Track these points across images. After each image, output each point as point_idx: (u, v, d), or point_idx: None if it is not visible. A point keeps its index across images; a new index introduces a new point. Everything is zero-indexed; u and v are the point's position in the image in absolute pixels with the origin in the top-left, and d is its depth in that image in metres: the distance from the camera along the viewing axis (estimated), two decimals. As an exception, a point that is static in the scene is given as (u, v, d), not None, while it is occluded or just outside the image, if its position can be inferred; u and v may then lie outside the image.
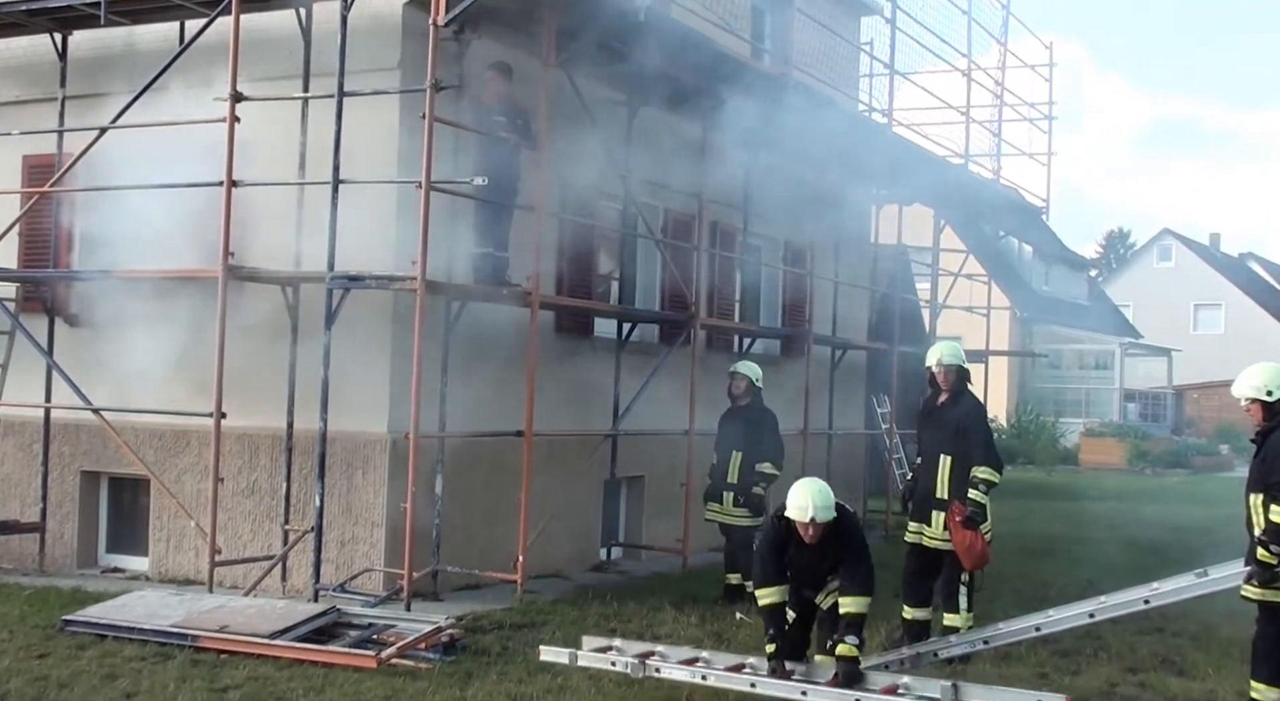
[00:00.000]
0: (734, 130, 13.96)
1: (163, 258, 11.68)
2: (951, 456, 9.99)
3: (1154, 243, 68.56)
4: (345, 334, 11.39)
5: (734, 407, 12.64)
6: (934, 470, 10.11)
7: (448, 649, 9.39)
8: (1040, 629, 8.90)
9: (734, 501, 12.34)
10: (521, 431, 11.73)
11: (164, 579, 12.62)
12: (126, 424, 12.46)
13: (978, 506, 9.78)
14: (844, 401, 19.40)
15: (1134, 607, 8.60)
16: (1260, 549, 7.90)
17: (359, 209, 11.19)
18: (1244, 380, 8.28)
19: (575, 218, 13.60)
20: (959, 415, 10.12)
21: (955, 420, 10.09)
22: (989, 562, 9.98)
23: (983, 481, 9.83)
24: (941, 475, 10.03)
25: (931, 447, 10.26)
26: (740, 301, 17.31)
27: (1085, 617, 8.72)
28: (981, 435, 10.12)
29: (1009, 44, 22.17)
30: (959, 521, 9.74)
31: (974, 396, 10.47)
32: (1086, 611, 8.69)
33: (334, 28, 11.36)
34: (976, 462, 9.90)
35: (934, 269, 21.71)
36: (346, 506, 11.91)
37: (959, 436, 10.02)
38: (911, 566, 10.35)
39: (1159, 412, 48.35)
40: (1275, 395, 8.15)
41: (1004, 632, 9.10)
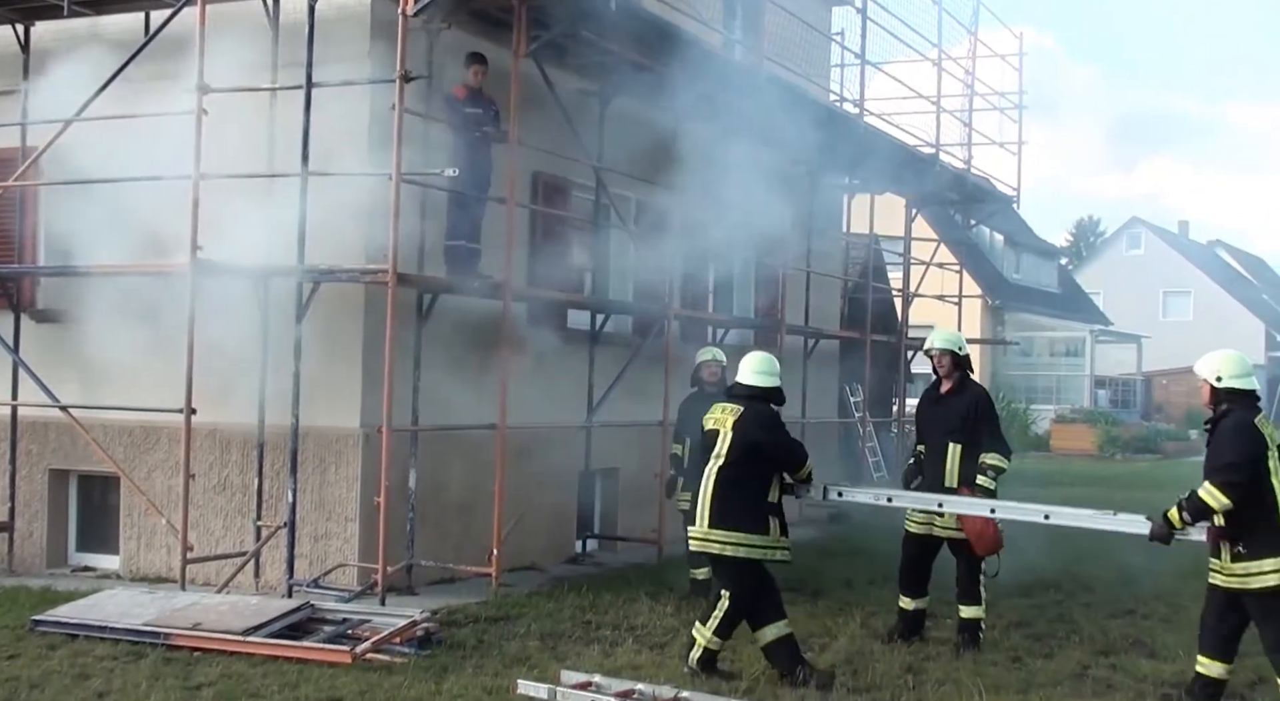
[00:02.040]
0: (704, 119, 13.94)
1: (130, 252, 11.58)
2: (961, 444, 9.96)
3: (1123, 231, 69.00)
4: (316, 328, 11.32)
5: (701, 393, 12.35)
6: (942, 458, 10.05)
7: (423, 643, 9.35)
8: (942, 506, 9.58)
9: None
10: (495, 424, 11.69)
11: (135, 577, 12.53)
12: (95, 421, 12.36)
13: (988, 493, 9.75)
14: (817, 390, 19.41)
15: (1032, 517, 9.06)
16: (1175, 509, 8.14)
17: (329, 201, 11.11)
18: (1200, 362, 8.39)
19: (547, 209, 13.55)
20: (966, 403, 10.09)
21: (962, 408, 10.06)
22: (1001, 548, 9.96)
23: (992, 468, 9.81)
24: (950, 463, 9.98)
25: (938, 436, 10.20)
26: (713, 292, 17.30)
27: (986, 510, 9.37)
28: (991, 423, 10.10)
29: (979, 34, 22.25)
30: None
31: (979, 384, 10.48)
32: (988, 505, 9.37)
33: (302, 18, 11.29)
34: (986, 450, 9.89)
35: (906, 258, 21.76)
36: (319, 501, 11.84)
37: (967, 424, 10.00)
38: (911, 556, 10.30)
39: (1129, 399, 48.59)
40: (1224, 381, 8.20)
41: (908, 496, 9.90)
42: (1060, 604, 12.08)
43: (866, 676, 8.94)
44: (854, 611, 11.21)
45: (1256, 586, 7.95)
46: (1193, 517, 8.08)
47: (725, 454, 8.95)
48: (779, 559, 8.95)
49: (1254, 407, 8.20)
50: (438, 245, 11.92)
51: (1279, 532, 7.89)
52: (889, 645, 9.97)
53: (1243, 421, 8.07)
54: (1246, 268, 71.81)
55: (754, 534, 8.83)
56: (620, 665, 9.06)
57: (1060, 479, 26.83)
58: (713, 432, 9.13)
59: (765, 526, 8.87)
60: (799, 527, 17.18)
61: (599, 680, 8.33)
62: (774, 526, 8.90)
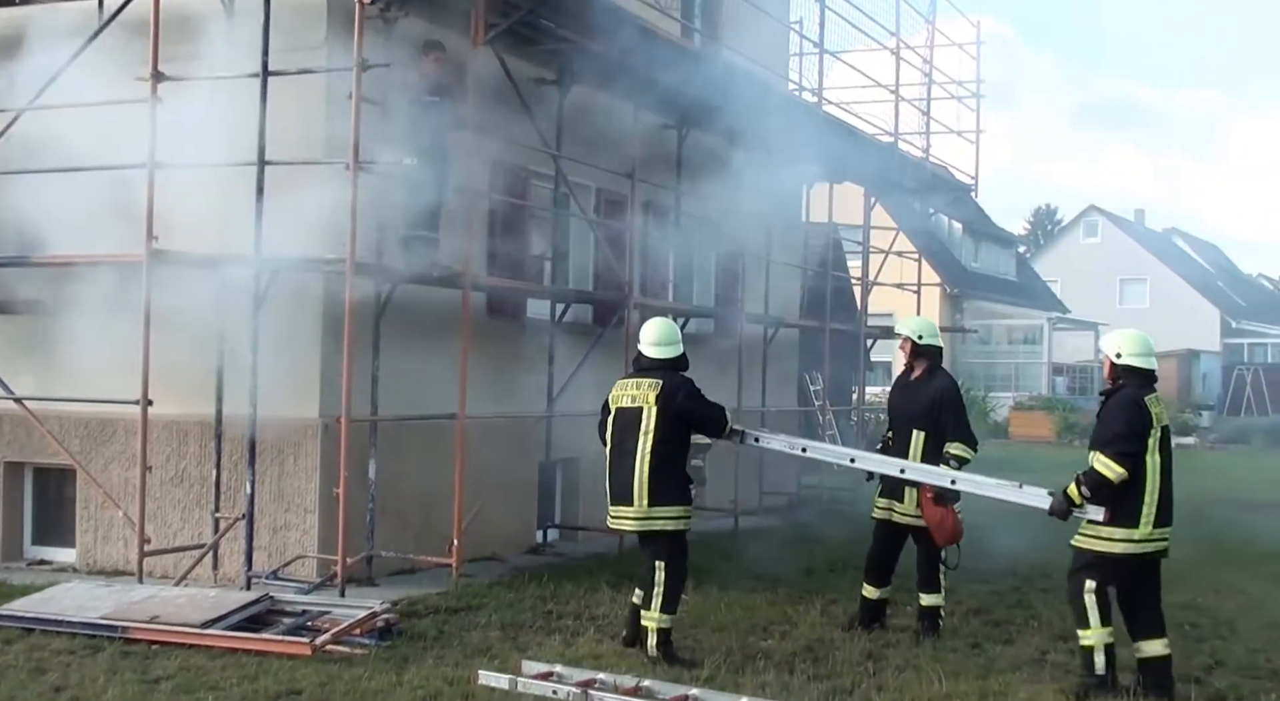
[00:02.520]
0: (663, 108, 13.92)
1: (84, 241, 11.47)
2: (925, 432, 9.98)
3: (1080, 219, 69.45)
4: (274, 318, 11.25)
5: None
6: (906, 445, 10.09)
7: (383, 634, 9.31)
8: (806, 450, 10.03)
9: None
10: (455, 414, 11.66)
11: (92, 570, 12.43)
12: (50, 413, 12.23)
13: None
14: (777, 379, 19.43)
15: (940, 481, 9.41)
16: (1074, 484, 8.37)
17: (286, 190, 11.04)
18: (1104, 338, 8.87)
19: (507, 198, 13.51)
20: (933, 391, 10.11)
21: (929, 396, 10.09)
22: (961, 538, 9.97)
23: (955, 458, 9.80)
24: (914, 451, 10.00)
25: (904, 423, 10.24)
26: (673, 281, 17.29)
27: (896, 470, 9.60)
28: (956, 412, 10.08)
29: (937, 23, 22.31)
30: (930, 497, 9.72)
31: (947, 374, 10.48)
32: (898, 466, 9.61)
33: (258, 5, 11.20)
34: (950, 439, 9.89)
35: (865, 246, 21.82)
36: (278, 492, 11.78)
37: (933, 412, 10.02)
38: (878, 545, 10.33)
39: (1086, 385, 48.92)
40: (1123, 358, 8.51)
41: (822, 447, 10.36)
42: (1019, 590, 12.17)
43: (827, 664, 8.98)
44: (814, 599, 11.24)
45: (1103, 550, 8.33)
46: (1091, 491, 8.30)
47: (655, 429, 8.98)
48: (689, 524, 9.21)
49: (1147, 386, 8.50)
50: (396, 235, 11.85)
51: (1138, 507, 8.23)
52: (849, 632, 10.00)
53: (1132, 397, 8.39)
54: (1202, 255, 72.45)
55: (685, 505, 9.08)
56: (581, 655, 9.06)
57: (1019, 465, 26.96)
58: (635, 410, 9.12)
59: (689, 495, 9.15)
60: (758, 516, 17.33)
61: (560, 670, 8.32)
62: (690, 494, 9.18)
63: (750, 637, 9.79)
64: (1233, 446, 37.47)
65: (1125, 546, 8.26)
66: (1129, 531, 8.24)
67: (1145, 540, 8.28)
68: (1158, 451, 8.32)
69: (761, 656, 9.12)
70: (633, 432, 9.06)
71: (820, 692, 8.23)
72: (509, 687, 8.10)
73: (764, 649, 9.42)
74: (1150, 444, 8.29)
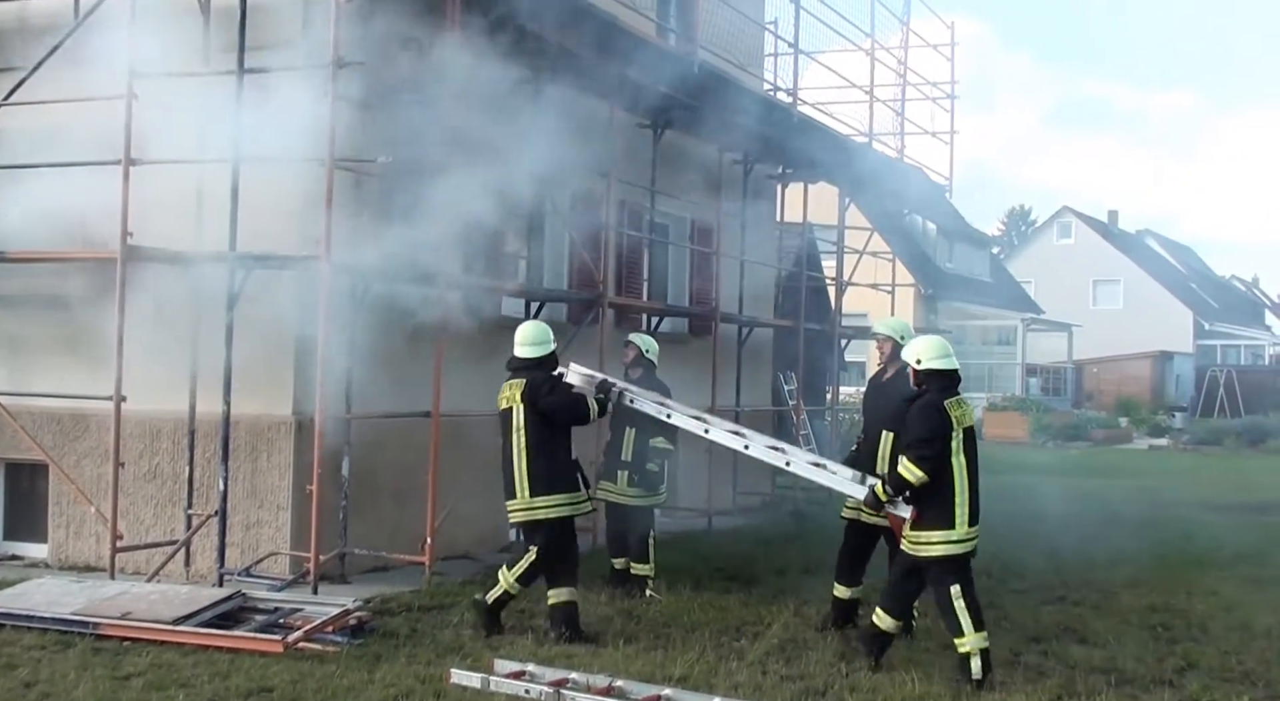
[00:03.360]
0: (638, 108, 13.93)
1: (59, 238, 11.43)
2: (893, 433, 9.97)
3: (1054, 220, 69.70)
4: (248, 315, 11.22)
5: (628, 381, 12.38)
6: (874, 445, 10.15)
7: (355, 632, 9.31)
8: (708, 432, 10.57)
9: (628, 480, 11.81)
10: (429, 412, 11.65)
11: (64, 566, 12.39)
12: (23, 408, 12.18)
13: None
14: (751, 378, 19.47)
15: (775, 461, 10.10)
16: (880, 485, 9.00)
17: (262, 187, 11.01)
18: (906, 347, 9.33)
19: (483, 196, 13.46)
20: (903, 392, 10.15)
21: (898, 397, 10.12)
22: None
23: None
24: (882, 450, 10.05)
25: (874, 423, 10.31)
26: (648, 280, 17.30)
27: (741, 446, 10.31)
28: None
29: (911, 24, 22.36)
30: None
31: None
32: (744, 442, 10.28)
33: (234, 2, 11.16)
34: None
35: (839, 246, 21.85)
36: (251, 489, 11.75)
37: (901, 413, 10.04)
38: (849, 544, 10.38)
39: (1060, 386, 49.22)
40: (924, 364, 8.92)
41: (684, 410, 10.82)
42: (991, 591, 12.16)
43: (800, 664, 9.00)
44: (787, 599, 11.27)
45: (924, 555, 8.70)
46: (894, 491, 8.82)
47: (526, 426, 9.69)
48: (586, 510, 9.99)
49: (948, 389, 8.87)
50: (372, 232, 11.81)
51: (950, 508, 8.63)
52: (822, 633, 10.03)
53: (932, 402, 8.78)
54: (1175, 256, 72.81)
55: (567, 492, 9.75)
56: (553, 654, 9.07)
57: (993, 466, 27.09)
58: (507, 410, 9.84)
59: (575, 484, 9.83)
60: (731, 516, 17.36)
61: (532, 669, 8.34)
62: (579, 482, 9.86)
63: (723, 638, 9.81)
64: (1205, 448, 37.64)
65: (945, 548, 8.63)
66: (947, 533, 8.63)
67: (963, 540, 8.67)
68: (962, 453, 8.72)
69: (735, 656, 9.15)
70: (509, 431, 9.79)
71: (793, 693, 8.25)
72: (481, 686, 8.10)
73: (737, 649, 9.45)
74: (954, 446, 8.69)
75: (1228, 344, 63.67)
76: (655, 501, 11.98)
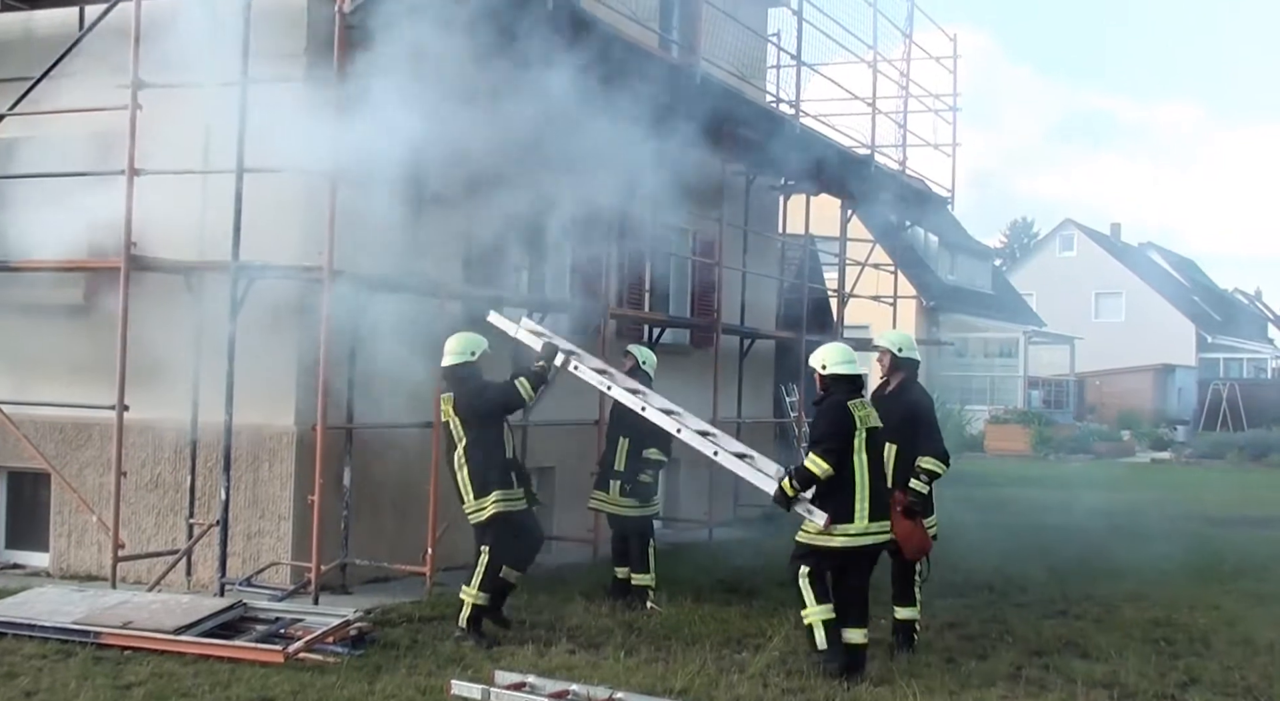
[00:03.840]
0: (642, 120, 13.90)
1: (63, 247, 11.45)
2: (896, 445, 10.00)
3: (1056, 232, 69.62)
4: (251, 325, 11.23)
5: None
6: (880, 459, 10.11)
7: (356, 642, 9.32)
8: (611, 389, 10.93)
9: (620, 490, 11.85)
10: (430, 422, 11.65)
11: (65, 575, 12.39)
12: (26, 417, 12.19)
13: (917, 496, 9.83)
14: (752, 390, 19.47)
15: (705, 449, 10.20)
16: (786, 479, 9.30)
17: (264, 198, 11.03)
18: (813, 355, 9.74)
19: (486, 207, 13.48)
20: (906, 404, 10.16)
21: (901, 409, 10.12)
22: (928, 551, 10.04)
23: (925, 471, 9.87)
24: (887, 464, 10.00)
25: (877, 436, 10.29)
26: (650, 291, 17.31)
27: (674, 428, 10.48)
28: (928, 426, 10.13)
29: (914, 36, 22.37)
30: (898, 511, 9.76)
31: (921, 387, 10.54)
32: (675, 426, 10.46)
33: (238, 14, 11.19)
34: (921, 453, 9.94)
35: (841, 258, 21.86)
36: (253, 499, 11.76)
37: (905, 425, 10.04)
38: None
39: (1062, 399, 49.09)
40: (828, 369, 9.41)
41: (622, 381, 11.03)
42: (993, 604, 12.20)
43: (801, 677, 8.99)
44: (788, 611, 11.20)
45: (823, 545, 9.09)
46: (800, 485, 9.18)
47: (462, 436, 10.07)
48: (522, 507, 10.22)
49: (851, 392, 9.36)
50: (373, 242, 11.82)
51: (851, 504, 9.05)
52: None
53: (836, 402, 9.27)
54: (1177, 269, 72.70)
55: (500, 489, 10.04)
56: (554, 665, 9.07)
57: (994, 479, 27.13)
58: (445, 424, 10.26)
59: (507, 481, 10.11)
60: (732, 528, 17.35)
61: (533, 680, 8.34)
62: (515, 480, 10.18)
63: (724, 650, 9.80)
64: (1208, 461, 37.62)
65: (843, 540, 9.02)
66: (845, 527, 9.02)
67: (861, 534, 9.06)
68: (864, 451, 9.14)
69: (736, 669, 9.14)
70: (448, 444, 10.23)
71: (793, 705, 8.25)
72: (481, 697, 8.10)
73: (739, 661, 9.44)
74: (856, 444, 9.12)
75: (1230, 357, 63.55)
76: (648, 511, 11.98)
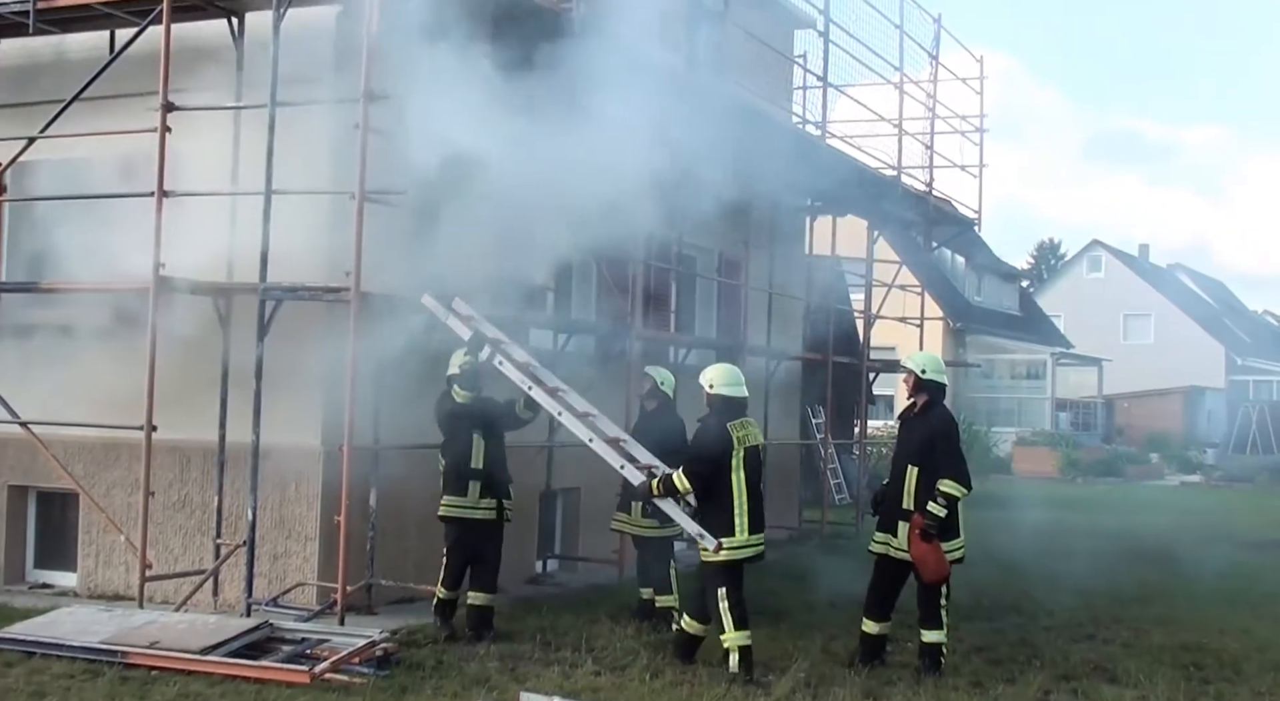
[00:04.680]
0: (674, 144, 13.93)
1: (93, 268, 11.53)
2: (918, 468, 9.99)
3: (1084, 254, 69.40)
4: (278, 345, 11.28)
5: (644, 414, 12.41)
6: (901, 480, 10.12)
7: (382, 663, 9.32)
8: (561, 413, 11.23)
9: (642, 511, 11.80)
10: (457, 443, 11.65)
11: (93, 594, 12.44)
12: (55, 437, 12.26)
13: (934, 519, 9.77)
14: (779, 412, 19.44)
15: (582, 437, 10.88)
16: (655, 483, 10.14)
17: (292, 219, 11.09)
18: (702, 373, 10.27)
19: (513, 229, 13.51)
20: (928, 426, 10.13)
21: (924, 431, 10.11)
22: (946, 576, 9.96)
23: (944, 495, 9.79)
24: (908, 485, 10.02)
25: (900, 457, 10.32)
26: (675, 312, 17.31)
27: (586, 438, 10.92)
28: (949, 447, 10.07)
29: (941, 57, 22.38)
30: (916, 534, 9.74)
31: (945, 409, 10.46)
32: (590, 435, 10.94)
33: (267, 37, 11.28)
34: (942, 475, 9.88)
35: (868, 280, 21.84)
36: (279, 520, 11.79)
37: (927, 447, 10.02)
38: (879, 579, 10.29)
39: (1090, 421, 48.86)
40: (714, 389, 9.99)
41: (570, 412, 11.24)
42: (1021, 628, 12.13)
43: (827, 700, 8.96)
44: (815, 634, 11.22)
45: (711, 560, 9.72)
46: (664, 492, 10.04)
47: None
48: (480, 516, 10.88)
49: (731, 412, 9.92)
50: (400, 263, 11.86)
51: (731, 518, 9.67)
52: (850, 669, 9.97)
53: (715, 423, 9.86)
54: (1206, 291, 72.40)
55: (456, 496, 10.82)
56: (580, 686, 9.06)
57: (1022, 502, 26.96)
58: None
59: (460, 488, 10.82)
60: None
61: (558, 702, 8.35)
62: (473, 488, 10.83)
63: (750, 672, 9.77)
64: (1238, 484, 37.36)
65: (728, 554, 9.66)
66: (729, 540, 9.65)
67: (743, 545, 9.70)
68: (742, 469, 9.72)
69: (761, 692, 9.12)
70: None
71: (819, 728, 8.22)
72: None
73: (764, 684, 9.41)
74: (734, 463, 9.71)
75: (1260, 379, 63.16)
76: (669, 532, 11.93)
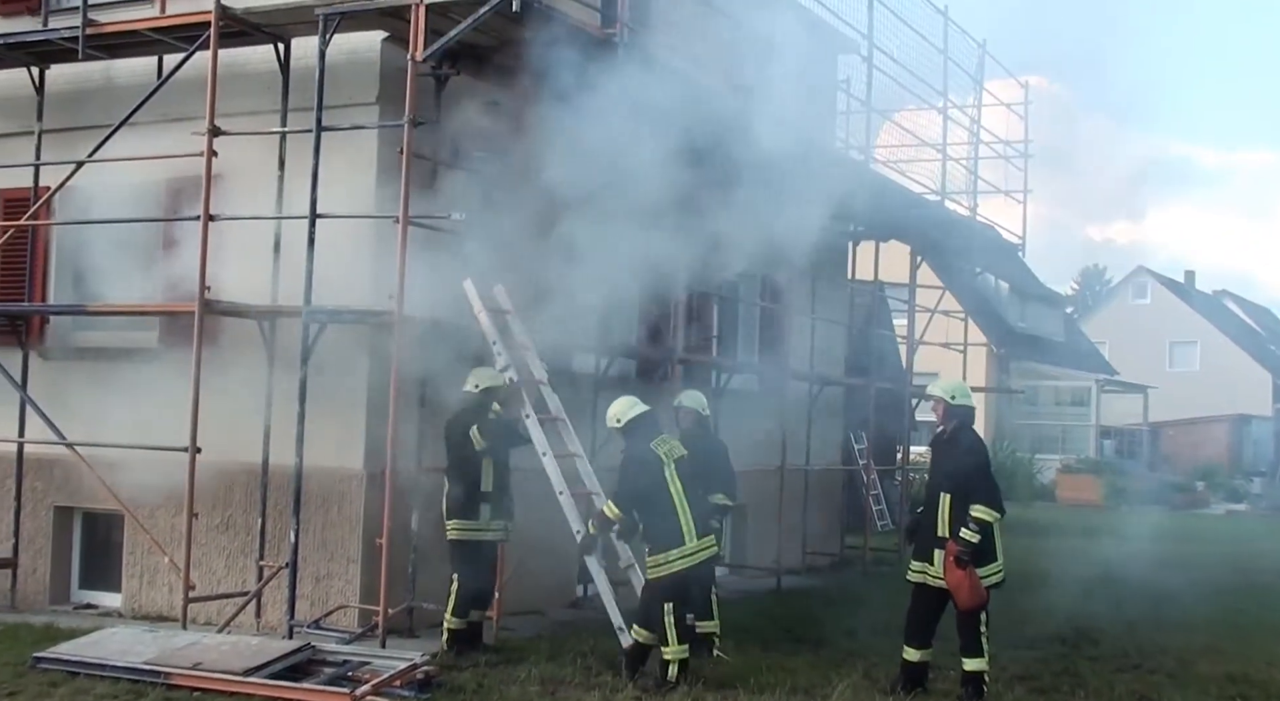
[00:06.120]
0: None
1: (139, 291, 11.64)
2: (950, 494, 9.95)
3: (1130, 280, 68.88)
4: (322, 368, 11.35)
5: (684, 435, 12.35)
6: (935, 507, 10.07)
7: (423, 686, 9.33)
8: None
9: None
10: (498, 467, 11.67)
11: (137, 615, 12.52)
12: (100, 458, 12.35)
13: (967, 545, 9.72)
14: (821, 437, 19.36)
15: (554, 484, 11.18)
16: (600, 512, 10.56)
17: (337, 243, 11.17)
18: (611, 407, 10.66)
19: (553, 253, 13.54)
20: (960, 453, 10.10)
21: (955, 457, 10.08)
22: (984, 602, 9.87)
23: (976, 520, 9.73)
24: (942, 513, 9.97)
25: (934, 484, 10.28)
26: (717, 336, 17.30)
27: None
28: (980, 474, 10.01)
29: (985, 83, 22.34)
30: (951, 560, 9.70)
31: (975, 434, 10.41)
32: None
33: (312, 63, 11.38)
34: (975, 501, 9.82)
35: (910, 305, 21.75)
36: (321, 542, 11.84)
37: (958, 474, 9.98)
38: (917, 606, 10.22)
39: (1135, 449, 48.45)
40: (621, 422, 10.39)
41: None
42: (1065, 657, 12.02)
43: (867, 726, 8.91)
44: (856, 661, 11.16)
45: (665, 574, 10.05)
46: (601, 526, 10.55)
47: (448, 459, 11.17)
48: (490, 538, 11.14)
49: (648, 432, 10.40)
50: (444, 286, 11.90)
51: (678, 527, 10.06)
52: (891, 696, 9.91)
53: (635, 453, 10.31)
54: (1253, 318, 71.77)
55: (465, 519, 10.97)
56: (620, 711, 9.04)
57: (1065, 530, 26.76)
58: None
59: (469, 511, 10.96)
60: (800, 576, 17.25)
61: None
62: (484, 511, 11.03)
63: (792, 699, 9.73)
64: (1285, 513, 36.99)
65: (682, 562, 10.03)
66: (681, 549, 10.02)
67: (696, 551, 10.09)
68: (676, 480, 10.15)
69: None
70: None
71: (860, 755, 8.17)
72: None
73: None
74: (667, 476, 10.14)
75: (1308, 407, 62.55)
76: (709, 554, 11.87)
